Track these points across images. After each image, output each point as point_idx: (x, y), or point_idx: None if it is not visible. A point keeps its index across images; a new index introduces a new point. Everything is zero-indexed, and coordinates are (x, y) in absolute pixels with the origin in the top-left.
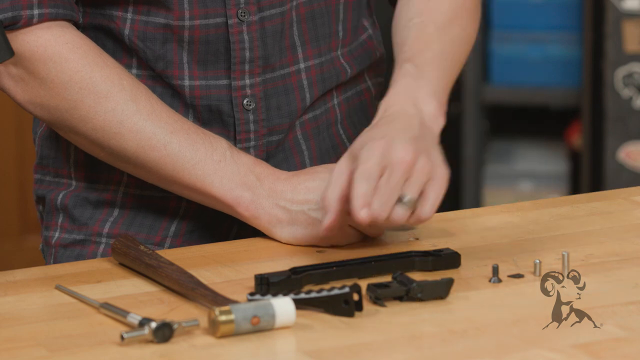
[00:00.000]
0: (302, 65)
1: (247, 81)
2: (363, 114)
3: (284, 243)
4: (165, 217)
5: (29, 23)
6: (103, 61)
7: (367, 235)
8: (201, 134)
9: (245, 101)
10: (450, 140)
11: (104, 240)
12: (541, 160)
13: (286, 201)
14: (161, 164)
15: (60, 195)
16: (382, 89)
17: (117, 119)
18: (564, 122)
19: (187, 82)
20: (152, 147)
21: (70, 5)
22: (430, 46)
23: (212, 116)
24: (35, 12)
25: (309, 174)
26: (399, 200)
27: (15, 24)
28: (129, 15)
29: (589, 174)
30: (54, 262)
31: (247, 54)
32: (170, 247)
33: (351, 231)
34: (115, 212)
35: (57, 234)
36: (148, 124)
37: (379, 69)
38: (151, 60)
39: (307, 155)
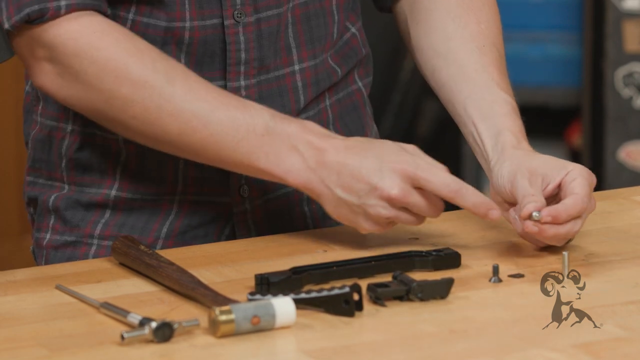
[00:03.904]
0: (296, 67)
1: (242, 82)
2: (356, 115)
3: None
4: (157, 219)
5: (56, 14)
6: (135, 46)
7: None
8: (241, 107)
9: None
10: (451, 139)
11: (95, 242)
12: None
13: (331, 182)
14: (205, 144)
15: (52, 198)
16: (372, 88)
17: (155, 104)
18: (564, 122)
19: None
20: (193, 129)
21: None
22: (505, 81)
23: None
24: (62, 2)
25: (358, 156)
26: None
27: (42, 17)
28: (130, 16)
29: None
30: (45, 264)
31: (243, 55)
32: (162, 249)
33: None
34: (107, 214)
35: (48, 236)
36: (186, 105)
37: (367, 68)
38: None
39: None
